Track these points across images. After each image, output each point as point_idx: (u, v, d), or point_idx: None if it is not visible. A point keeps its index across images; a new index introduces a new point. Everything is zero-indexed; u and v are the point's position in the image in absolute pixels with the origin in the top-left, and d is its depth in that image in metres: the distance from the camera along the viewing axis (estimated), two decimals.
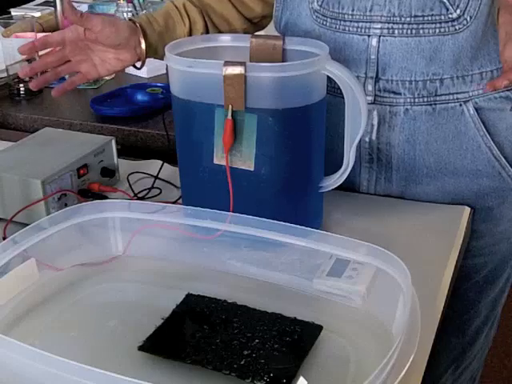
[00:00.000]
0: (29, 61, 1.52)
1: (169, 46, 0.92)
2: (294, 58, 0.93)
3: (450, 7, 0.93)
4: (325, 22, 1.00)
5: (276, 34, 1.07)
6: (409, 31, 0.95)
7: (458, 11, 0.93)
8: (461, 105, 0.99)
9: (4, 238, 0.91)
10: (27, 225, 0.82)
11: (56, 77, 1.05)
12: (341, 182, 0.93)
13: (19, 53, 1.02)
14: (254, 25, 1.16)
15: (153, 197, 1.07)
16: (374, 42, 0.97)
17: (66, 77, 1.60)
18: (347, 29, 0.98)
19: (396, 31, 0.95)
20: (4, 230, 0.95)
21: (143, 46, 1.04)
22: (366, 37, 0.97)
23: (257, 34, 1.05)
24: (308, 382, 0.69)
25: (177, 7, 1.10)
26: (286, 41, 0.95)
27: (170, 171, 1.12)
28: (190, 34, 1.10)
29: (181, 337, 0.75)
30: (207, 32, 1.12)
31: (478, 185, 1.03)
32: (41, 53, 1.07)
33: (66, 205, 1.00)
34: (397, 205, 1.04)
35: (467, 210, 1.02)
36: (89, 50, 1.03)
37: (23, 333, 0.76)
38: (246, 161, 0.88)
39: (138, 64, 1.07)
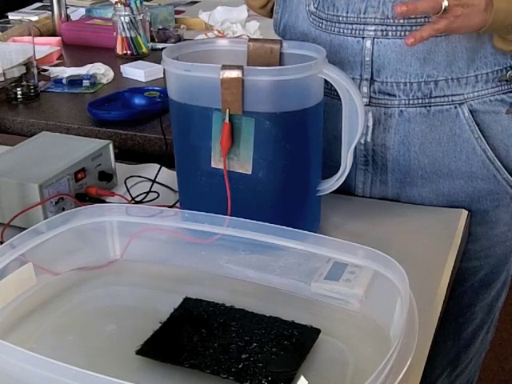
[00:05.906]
0: (26, 65, 1.53)
1: (166, 50, 0.92)
2: (291, 61, 0.93)
3: None
4: (320, 25, 1.00)
5: (275, 36, 1.07)
6: (402, 33, 0.95)
7: None
8: (456, 107, 0.99)
9: (1, 243, 0.91)
10: (24, 229, 0.82)
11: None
12: (338, 185, 0.93)
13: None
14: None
15: (150, 201, 1.07)
16: (369, 43, 0.97)
17: (63, 81, 1.61)
18: (342, 31, 0.98)
19: (390, 33, 0.96)
20: (1, 234, 0.95)
21: None
22: (361, 39, 0.97)
23: (254, 37, 1.05)
24: None
25: None
26: (284, 44, 0.95)
27: (167, 175, 1.12)
28: None
29: (179, 341, 0.75)
30: None
31: (472, 187, 1.03)
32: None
33: (63, 209, 1.00)
34: (394, 208, 1.04)
35: (464, 212, 1.02)
36: None
37: (21, 337, 0.76)
38: (243, 164, 0.88)
39: None
